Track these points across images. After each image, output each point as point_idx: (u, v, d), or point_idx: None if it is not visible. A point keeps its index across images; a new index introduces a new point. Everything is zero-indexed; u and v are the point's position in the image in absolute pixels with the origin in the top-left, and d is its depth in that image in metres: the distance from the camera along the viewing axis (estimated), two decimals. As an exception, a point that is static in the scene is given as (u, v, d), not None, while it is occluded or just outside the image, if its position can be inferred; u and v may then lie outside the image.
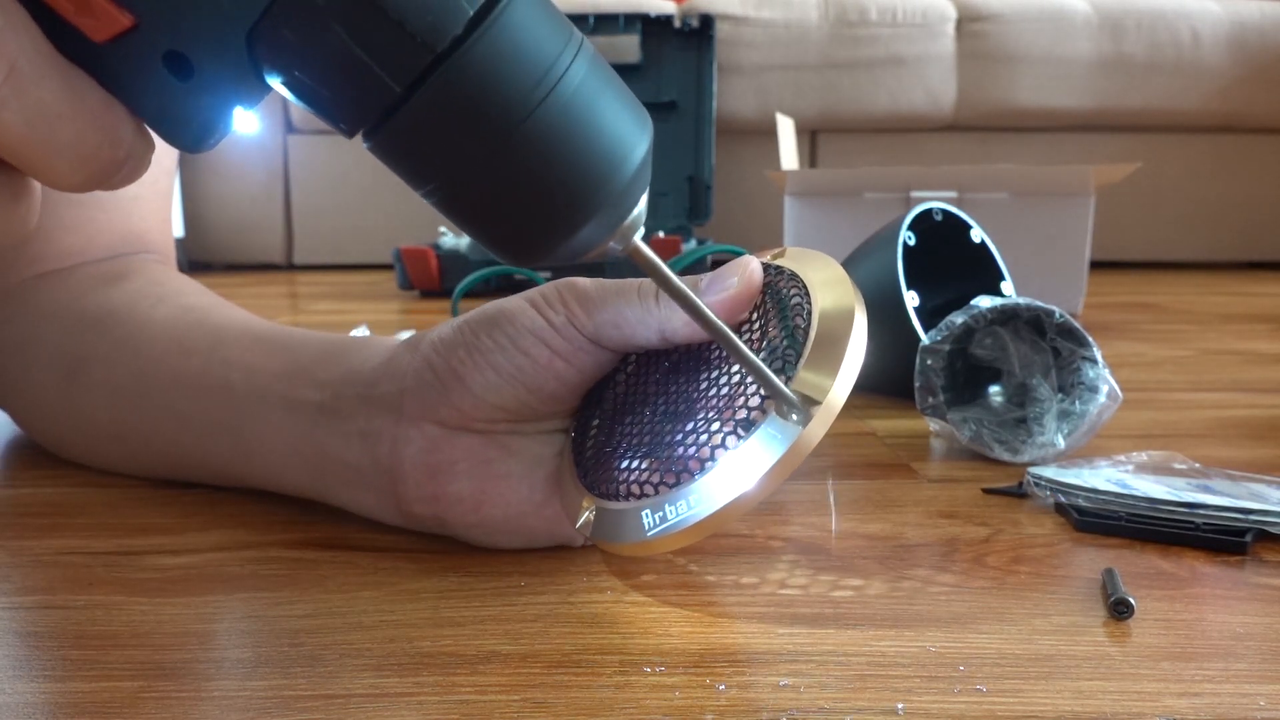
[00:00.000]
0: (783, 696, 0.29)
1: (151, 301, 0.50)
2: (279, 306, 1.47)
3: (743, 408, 0.32)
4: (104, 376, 0.48)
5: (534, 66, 0.21)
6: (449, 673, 0.30)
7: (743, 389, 0.33)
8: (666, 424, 0.35)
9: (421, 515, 0.39)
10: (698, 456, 0.32)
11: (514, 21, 0.21)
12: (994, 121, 2.11)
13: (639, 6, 2.00)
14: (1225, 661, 0.31)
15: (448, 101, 0.21)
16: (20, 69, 0.18)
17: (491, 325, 0.36)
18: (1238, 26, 2.07)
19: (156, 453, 0.48)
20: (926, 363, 0.55)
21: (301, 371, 0.42)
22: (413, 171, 0.23)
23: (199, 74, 0.21)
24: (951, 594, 0.36)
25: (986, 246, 0.76)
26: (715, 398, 0.34)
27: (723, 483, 0.31)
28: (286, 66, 0.21)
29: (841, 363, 0.31)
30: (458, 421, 0.37)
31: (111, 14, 0.19)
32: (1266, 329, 1.14)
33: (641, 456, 0.34)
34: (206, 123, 0.21)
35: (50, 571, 0.39)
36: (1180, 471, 0.49)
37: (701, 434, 0.33)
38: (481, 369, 0.36)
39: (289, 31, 0.20)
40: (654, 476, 0.33)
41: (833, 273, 0.35)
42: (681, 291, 0.29)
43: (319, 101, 0.22)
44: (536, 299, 0.36)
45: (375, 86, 0.21)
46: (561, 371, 0.36)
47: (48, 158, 0.19)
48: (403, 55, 0.20)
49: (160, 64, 0.20)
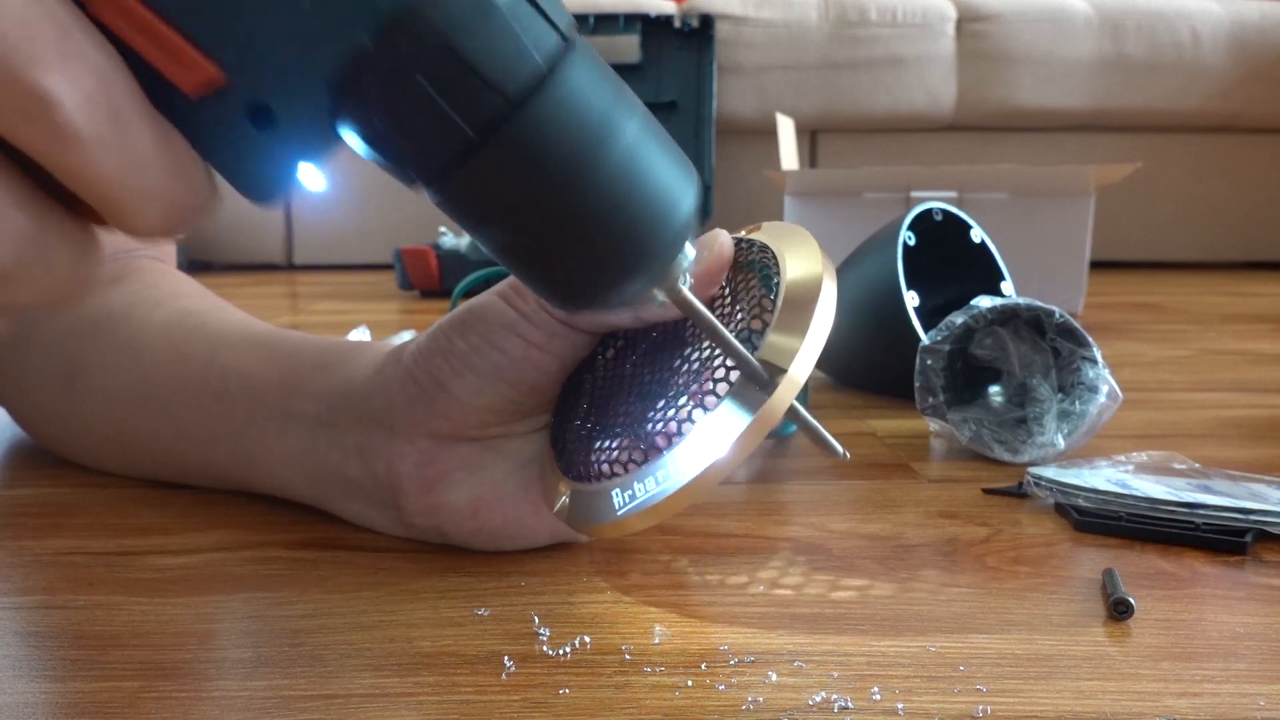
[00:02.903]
0: (782, 696, 0.29)
1: (149, 305, 0.50)
2: (279, 307, 1.47)
3: (710, 379, 0.32)
4: (101, 382, 0.48)
5: (596, 118, 0.23)
6: (449, 673, 0.30)
7: (712, 362, 0.32)
8: (642, 403, 0.34)
9: (422, 526, 0.40)
10: (665, 431, 0.32)
11: (578, 74, 0.22)
12: (994, 121, 2.11)
13: (639, 6, 2.00)
14: (1225, 661, 0.31)
15: (519, 149, 0.22)
16: (122, 114, 0.19)
17: (464, 327, 0.36)
18: (1238, 26, 2.07)
19: (156, 458, 0.48)
20: (926, 363, 0.55)
21: (298, 381, 0.42)
22: (479, 217, 0.24)
23: (279, 125, 0.21)
24: (951, 594, 0.36)
25: (986, 246, 0.76)
26: (686, 373, 0.33)
27: (691, 456, 0.31)
28: (365, 115, 0.21)
29: (809, 328, 0.31)
30: (450, 431, 0.37)
31: (203, 65, 0.20)
32: (1266, 329, 1.14)
33: (614, 436, 0.34)
34: (280, 173, 0.22)
35: (50, 571, 0.39)
36: (1180, 471, 0.49)
37: (670, 409, 0.32)
38: (461, 373, 0.36)
39: (372, 80, 0.21)
40: (624, 455, 0.33)
41: (804, 244, 0.34)
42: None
43: (393, 149, 0.22)
44: (506, 291, 0.36)
45: (451, 134, 0.22)
46: (540, 361, 0.36)
47: (133, 203, 0.20)
48: (480, 103, 0.21)
49: (243, 114, 0.21)
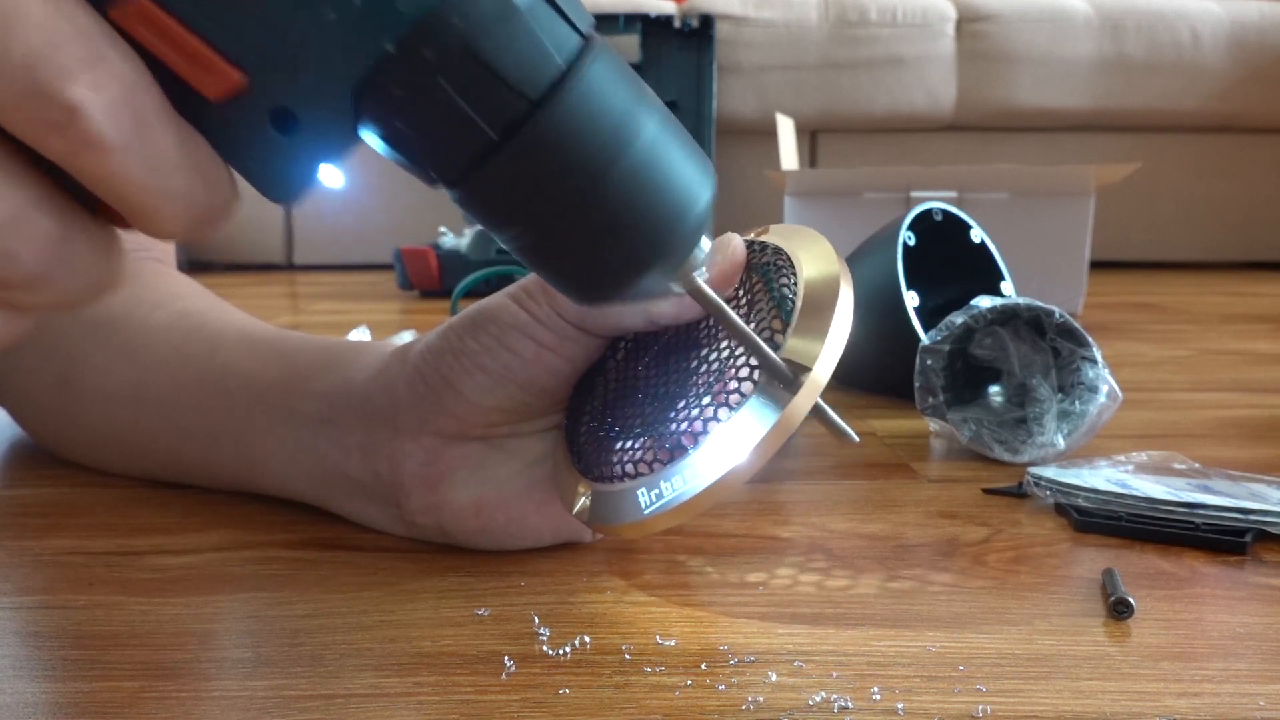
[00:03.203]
0: (783, 696, 0.29)
1: (149, 307, 0.50)
2: (279, 306, 1.47)
3: (733, 379, 0.32)
4: (100, 382, 0.48)
5: (615, 116, 0.23)
6: (449, 673, 0.30)
7: (733, 363, 0.33)
8: (659, 404, 0.34)
9: (424, 525, 0.40)
10: (690, 431, 0.32)
11: (597, 74, 0.23)
12: (994, 121, 2.11)
13: (639, 6, 2.00)
14: (1225, 661, 0.31)
15: (540, 148, 0.23)
16: (147, 121, 0.19)
17: (475, 327, 0.36)
18: (1238, 26, 2.07)
19: (156, 458, 0.48)
20: (926, 363, 0.55)
21: (299, 381, 0.42)
22: (500, 216, 0.24)
23: (301, 128, 0.21)
24: (951, 594, 0.36)
25: (986, 246, 0.76)
26: (706, 374, 0.34)
27: (716, 456, 0.31)
28: (388, 118, 0.22)
29: (829, 330, 0.31)
30: (456, 430, 0.37)
31: (226, 71, 0.20)
32: (1266, 329, 1.14)
33: (635, 437, 0.34)
34: (302, 176, 0.22)
35: (50, 571, 0.39)
36: (1180, 471, 0.49)
37: (693, 409, 0.33)
38: (471, 372, 0.36)
39: (395, 85, 0.21)
40: (648, 455, 0.33)
41: (817, 245, 0.35)
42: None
43: (415, 151, 0.23)
44: (517, 293, 0.36)
45: (473, 135, 0.22)
46: (551, 363, 0.36)
47: (158, 206, 0.20)
48: (501, 104, 0.22)
49: (266, 119, 0.21)
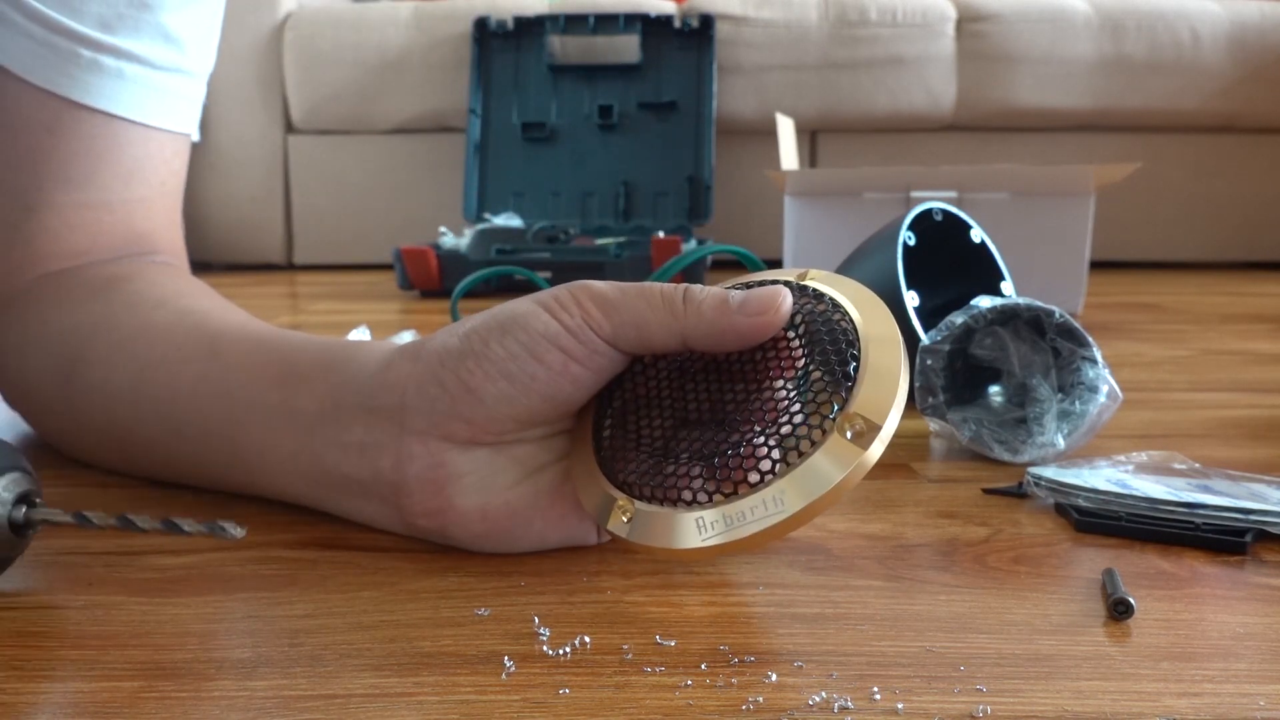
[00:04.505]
0: (783, 696, 0.29)
1: (152, 305, 0.50)
2: (279, 306, 1.47)
3: (804, 425, 0.33)
4: (102, 380, 0.48)
5: None
6: (449, 673, 0.30)
7: (801, 407, 0.34)
8: (712, 432, 0.35)
9: (426, 527, 0.39)
10: (758, 469, 0.33)
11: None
12: (994, 121, 2.10)
13: (639, 6, 2.00)
14: (1225, 661, 0.31)
15: None
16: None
17: (502, 332, 0.36)
18: (1238, 26, 2.07)
19: (156, 457, 0.48)
20: (926, 363, 0.55)
21: (299, 378, 0.42)
22: None
23: None
24: (951, 594, 0.36)
25: (986, 246, 0.76)
26: (773, 412, 0.35)
27: (780, 499, 0.32)
28: None
29: (897, 387, 0.33)
30: (467, 436, 0.37)
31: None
32: (1266, 329, 1.14)
33: (689, 462, 0.35)
34: None
35: (50, 571, 0.39)
36: (1180, 471, 0.49)
37: (759, 448, 0.34)
38: (494, 379, 0.36)
39: None
40: (708, 485, 0.34)
41: (865, 296, 0.37)
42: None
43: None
44: (549, 302, 0.36)
45: None
46: (577, 375, 0.36)
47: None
48: None
49: None
